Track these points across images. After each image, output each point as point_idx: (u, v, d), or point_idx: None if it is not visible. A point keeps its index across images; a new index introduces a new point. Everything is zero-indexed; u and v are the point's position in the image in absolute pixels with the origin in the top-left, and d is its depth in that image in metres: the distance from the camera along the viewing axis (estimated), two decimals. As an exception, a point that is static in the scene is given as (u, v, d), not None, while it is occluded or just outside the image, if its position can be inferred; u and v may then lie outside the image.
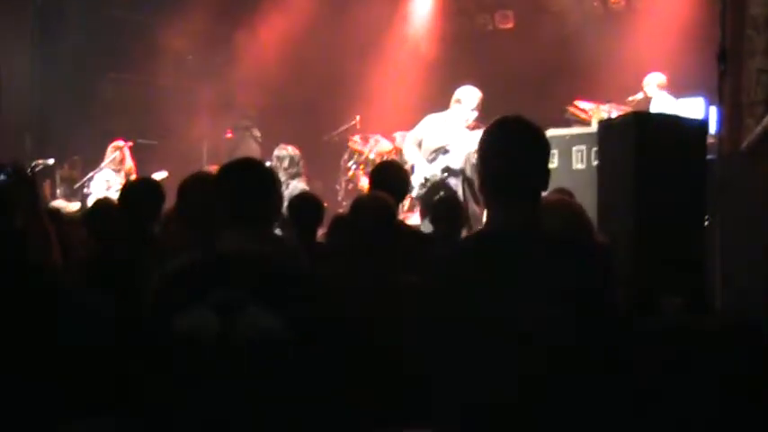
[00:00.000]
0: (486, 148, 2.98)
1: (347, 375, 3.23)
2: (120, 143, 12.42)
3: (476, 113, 9.27)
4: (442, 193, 9.01)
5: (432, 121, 9.55)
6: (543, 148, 2.97)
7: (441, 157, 9.27)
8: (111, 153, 12.30)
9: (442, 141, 9.28)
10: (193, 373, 3.01)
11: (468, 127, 9.27)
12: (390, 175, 6.00)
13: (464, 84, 9.63)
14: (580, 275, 2.79)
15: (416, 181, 9.47)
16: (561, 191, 5.78)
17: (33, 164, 12.55)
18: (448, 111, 9.47)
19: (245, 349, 2.95)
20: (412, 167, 9.70)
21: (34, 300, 3.74)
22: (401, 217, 10.43)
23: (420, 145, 9.51)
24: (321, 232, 6.29)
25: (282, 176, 9.25)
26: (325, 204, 6.30)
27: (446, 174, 9.20)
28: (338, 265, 4.35)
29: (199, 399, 3.00)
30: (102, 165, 12.27)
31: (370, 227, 4.24)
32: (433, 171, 9.28)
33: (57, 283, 4.03)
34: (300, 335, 2.98)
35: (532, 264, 2.78)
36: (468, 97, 9.36)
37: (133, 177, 11.94)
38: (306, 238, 5.57)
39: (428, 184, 9.30)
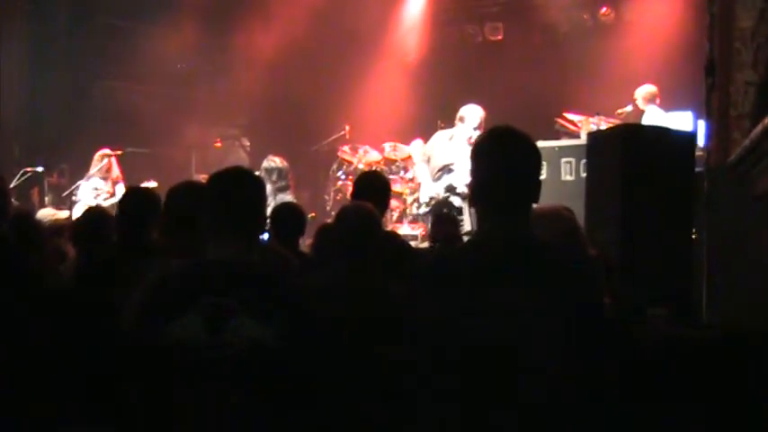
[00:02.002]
0: (477, 158, 2.99)
1: (333, 384, 3.24)
2: (108, 151, 12.41)
3: (478, 132, 9.30)
4: (444, 210, 9.06)
5: (439, 139, 9.65)
6: (534, 158, 2.98)
7: (445, 176, 9.31)
8: (99, 161, 12.29)
9: (447, 159, 9.34)
10: (181, 382, 3.00)
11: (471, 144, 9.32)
12: (372, 185, 6.01)
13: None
14: (568, 285, 2.79)
15: (422, 200, 9.57)
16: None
17: (22, 171, 12.53)
18: (454, 127, 9.53)
19: (233, 358, 2.95)
20: (419, 185, 9.84)
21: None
22: (390, 227, 10.51)
23: (429, 161, 9.58)
24: (308, 242, 6.31)
25: (269, 189, 9.24)
26: (314, 214, 6.33)
27: (448, 193, 9.23)
28: (324, 273, 4.34)
29: (186, 407, 3.00)
30: (91, 173, 12.25)
31: (355, 236, 4.24)
32: (438, 190, 9.33)
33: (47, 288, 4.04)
34: (288, 344, 2.98)
35: (521, 273, 2.79)
36: (470, 115, 9.42)
37: (121, 186, 11.96)
38: (287, 247, 5.56)
39: (432, 203, 9.35)
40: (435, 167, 9.45)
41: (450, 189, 9.22)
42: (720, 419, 4.08)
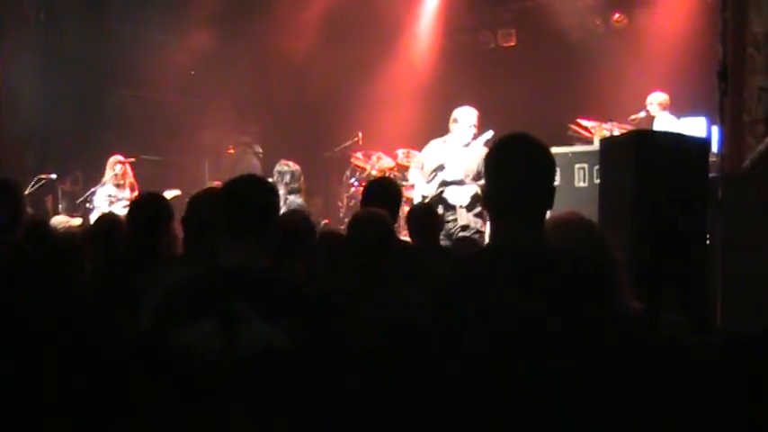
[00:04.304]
0: (491, 164, 2.99)
1: (347, 389, 3.24)
2: (120, 158, 12.46)
3: (474, 130, 9.36)
4: (441, 208, 9.10)
5: (433, 145, 9.74)
6: (549, 165, 2.98)
7: (438, 174, 9.36)
8: (113, 167, 12.33)
9: (440, 160, 9.40)
10: (195, 387, 3.01)
11: (465, 144, 9.37)
12: (384, 191, 5.99)
13: (465, 102, 9.70)
14: (581, 292, 2.79)
15: (415, 200, 9.64)
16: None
17: (36, 178, 12.58)
18: (449, 134, 9.57)
19: (247, 363, 2.96)
20: (413, 187, 9.92)
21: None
22: (403, 234, 10.53)
23: (423, 167, 9.65)
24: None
25: (282, 191, 9.28)
26: (327, 221, 6.31)
27: (441, 189, 9.28)
28: (336, 280, 4.35)
29: (200, 412, 3.01)
30: (105, 179, 12.30)
31: (369, 242, 4.24)
32: (431, 189, 9.38)
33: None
34: (301, 348, 2.99)
35: (534, 280, 2.78)
36: (464, 116, 9.46)
37: (135, 192, 12.00)
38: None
39: (425, 201, 9.40)
40: (428, 170, 9.53)
41: (444, 184, 9.29)
42: (730, 424, 4.07)
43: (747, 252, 5.79)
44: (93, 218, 11.55)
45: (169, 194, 11.49)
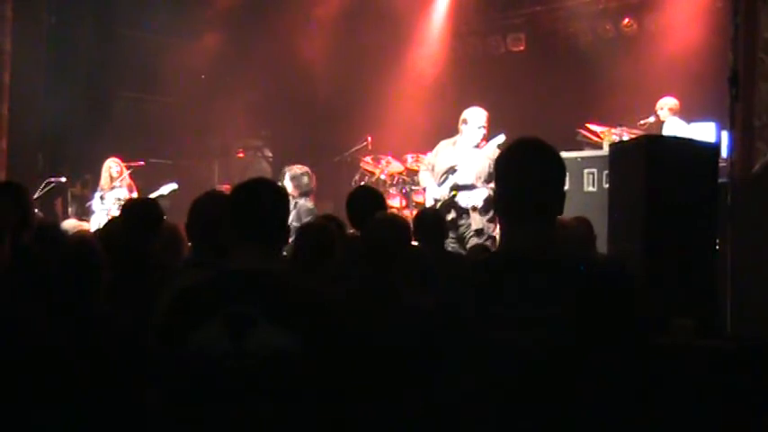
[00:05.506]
0: (501, 168, 2.98)
1: (357, 392, 3.24)
2: (116, 160, 12.50)
3: (483, 131, 9.33)
4: (453, 212, 9.09)
5: (442, 147, 9.70)
6: (559, 169, 2.97)
7: (450, 177, 9.34)
8: (108, 170, 12.37)
9: (451, 162, 9.37)
10: (204, 390, 3.02)
11: (475, 146, 9.35)
12: (365, 201, 5.96)
13: (475, 106, 9.68)
14: (595, 298, 2.78)
15: (428, 203, 9.61)
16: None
17: (45, 182, 12.61)
18: (458, 135, 9.55)
19: (256, 366, 2.96)
20: (424, 190, 9.91)
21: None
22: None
23: (433, 170, 9.62)
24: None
25: (292, 195, 9.31)
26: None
27: (453, 193, 9.27)
28: (351, 282, 4.34)
29: (209, 415, 3.01)
30: (102, 183, 12.35)
31: (379, 245, 4.25)
32: (443, 192, 9.36)
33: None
34: (312, 352, 2.99)
35: (545, 286, 2.77)
36: (473, 117, 9.44)
37: (134, 193, 12.06)
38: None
39: (437, 205, 9.38)
40: (439, 173, 9.50)
41: (456, 187, 9.26)
42: (731, 426, 4.07)
43: (757, 257, 5.77)
44: (92, 221, 11.59)
45: (166, 189, 11.57)
